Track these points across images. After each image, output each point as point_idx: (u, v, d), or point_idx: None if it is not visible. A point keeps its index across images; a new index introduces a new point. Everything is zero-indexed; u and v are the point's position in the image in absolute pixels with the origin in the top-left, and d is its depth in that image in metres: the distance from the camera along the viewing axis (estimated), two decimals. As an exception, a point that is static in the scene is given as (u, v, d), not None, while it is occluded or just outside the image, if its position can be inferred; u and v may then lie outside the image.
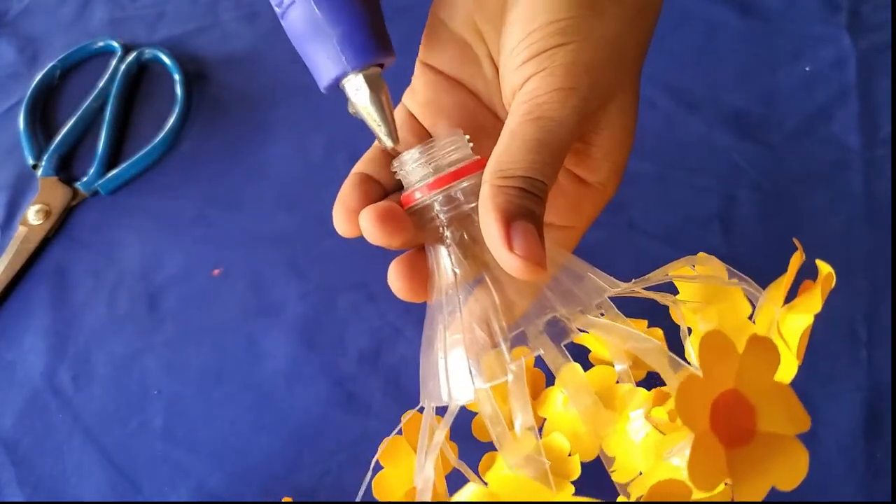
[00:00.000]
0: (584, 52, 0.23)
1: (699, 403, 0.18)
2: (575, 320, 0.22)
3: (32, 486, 0.35)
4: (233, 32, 0.48)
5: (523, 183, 0.22)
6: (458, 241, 0.24)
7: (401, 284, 0.26)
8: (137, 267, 0.40)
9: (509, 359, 0.22)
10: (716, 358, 0.18)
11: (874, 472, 0.33)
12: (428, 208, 0.25)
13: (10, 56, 0.49)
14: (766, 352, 0.19)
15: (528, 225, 0.21)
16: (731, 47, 0.45)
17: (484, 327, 0.23)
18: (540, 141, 0.22)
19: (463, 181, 0.24)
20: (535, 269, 0.21)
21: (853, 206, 0.39)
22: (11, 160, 0.44)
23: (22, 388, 0.37)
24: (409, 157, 0.25)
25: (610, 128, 0.25)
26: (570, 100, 0.22)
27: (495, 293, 0.24)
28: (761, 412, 0.19)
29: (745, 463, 0.18)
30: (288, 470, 0.35)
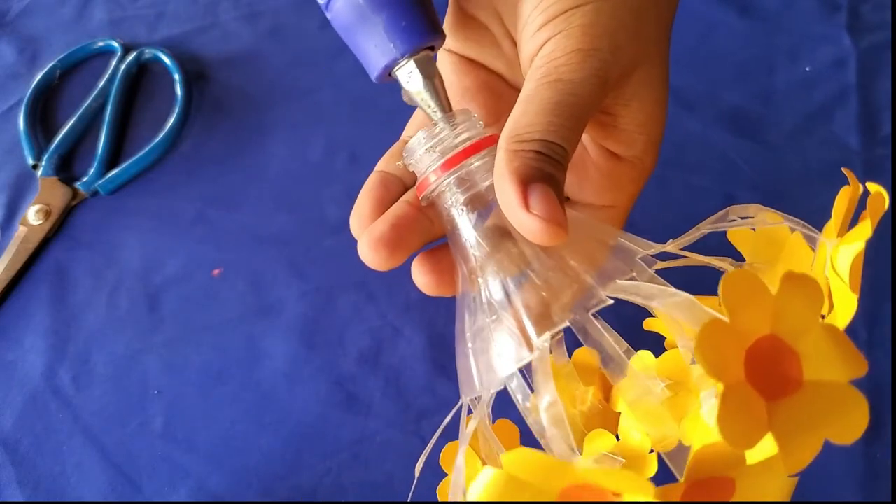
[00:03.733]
0: (604, 14, 0.22)
1: (727, 351, 0.16)
2: (605, 289, 0.21)
3: (32, 486, 0.35)
4: (233, 32, 0.48)
5: (541, 146, 0.20)
6: (475, 223, 0.23)
7: (426, 280, 0.25)
8: (137, 267, 0.40)
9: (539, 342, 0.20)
10: (743, 300, 0.16)
11: (874, 472, 0.33)
12: (442, 195, 0.23)
13: (10, 56, 0.49)
14: (806, 290, 0.17)
15: (546, 187, 0.20)
16: (731, 47, 0.45)
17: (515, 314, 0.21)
18: (558, 103, 0.21)
19: (474, 159, 0.23)
20: (556, 231, 0.20)
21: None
22: (11, 160, 0.44)
23: (22, 388, 0.37)
24: (415, 142, 0.24)
25: (638, 100, 0.23)
26: (589, 61, 0.21)
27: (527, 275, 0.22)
28: (806, 358, 0.16)
29: (790, 416, 0.16)
30: (288, 470, 0.35)
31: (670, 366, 0.27)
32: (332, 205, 0.42)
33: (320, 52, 0.47)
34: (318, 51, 0.47)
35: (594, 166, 0.26)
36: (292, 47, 0.48)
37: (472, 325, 0.23)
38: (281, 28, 0.49)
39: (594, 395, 0.30)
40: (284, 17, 0.49)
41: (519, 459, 0.16)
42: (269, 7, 0.49)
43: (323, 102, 0.46)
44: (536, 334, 0.21)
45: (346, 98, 0.45)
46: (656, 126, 0.25)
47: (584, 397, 0.30)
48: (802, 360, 0.16)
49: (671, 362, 0.27)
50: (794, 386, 0.16)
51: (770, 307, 0.16)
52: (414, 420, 0.35)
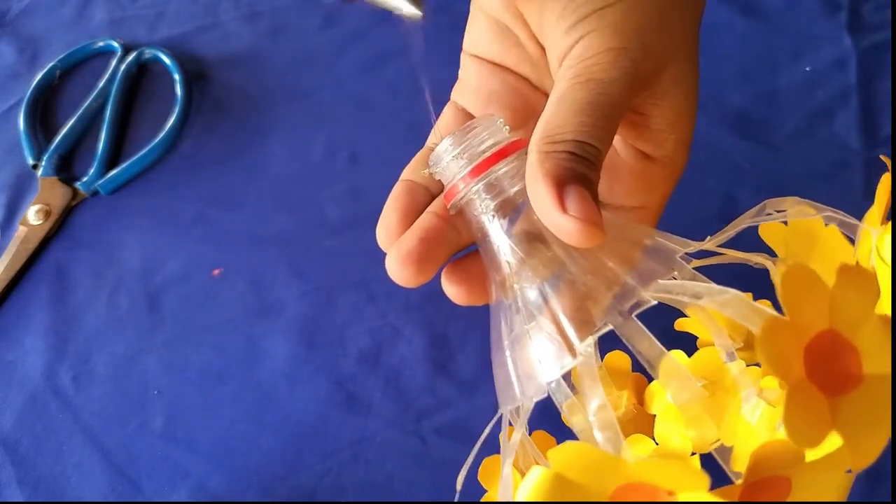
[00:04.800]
0: (633, 13, 0.21)
1: (789, 349, 0.15)
2: (647, 290, 0.20)
3: (32, 486, 0.35)
4: (233, 32, 0.48)
5: (574, 147, 0.20)
6: (507, 229, 0.22)
7: (457, 290, 0.24)
8: (137, 267, 0.40)
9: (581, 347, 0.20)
10: (802, 296, 0.16)
11: (874, 472, 0.33)
12: (471, 202, 0.23)
13: (10, 56, 0.49)
14: (862, 281, 0.16)
15: (581, 188, 0.19)
16: (732, 47, 0.45)
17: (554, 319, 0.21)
18: (590, 103, 0.20)
19: (502, 164, 0.22)
20: (594, 232, 0.19)
21: (853, 206, 0.39)
22: (11, 160, 0.44)
23: (22, 388, 0.37)
24: (441, 150, 0.23)
25: (669, 98, 0.23)
26: (620, 60, 0.21)
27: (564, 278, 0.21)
28: (865, 352, 0.16)
29: (853, 411, 0.16)
30: (288, 470, 0.35)
31: (705, 365, 0.26)
32: (332, 205, 0.42)
33: (320, 52, 0.47)
34: (318, 51, 0.47)
35: (625, 167, 0.25)
36: (292, 47, 0.48)
37: (510, 334, 0.22)
38: (281, 28, 0.49)
39: (628, 398, 0.29)
40: (284, 17, 0.49)
41: (568, 456, 0.16)
42: (269, 7, 0.49)
43: (323, 102, 0.46)
44: (579, 338, 0.20)
45: (346, 98, 0.45)
46: (687, 124, 0.24)
47: (618, 402, 0.29)
48: (861, 354, 0.16)
49: (706, 361, 0.27)
50: (855, 381, 0.16)
51: (826, 302, 0.16)
52: (414, 420, 0.35)
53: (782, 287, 0.16)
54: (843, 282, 0.16)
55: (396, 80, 0.46)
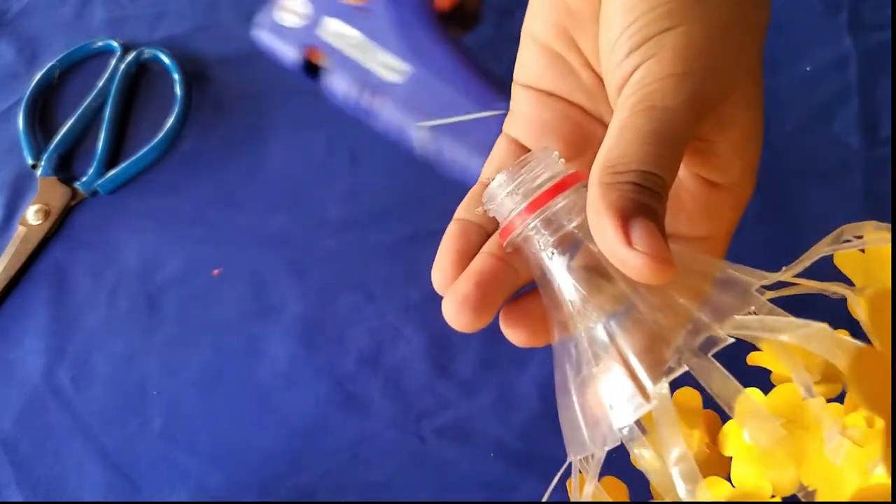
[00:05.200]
0: (696, 36, 0.20)
1: (880, 380, 0.15)
2: (722, 327, 0.19)
3: (32, 487, 0.35)
4: (233, 32, 0.48)
5: (638, 178, 0.19)
6: (568, 265, 0.21)
7: (517, 332, 0.23)
8: (137, 267, 0.40)
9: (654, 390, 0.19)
10: (888, 323, 0.15)
11: (874, 473, 0.33)
12: (529, 239, 0.22)
13: (10, 56, 0.48)
14: None
15: (647, 221, 0.18)
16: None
17: (624, 361, 0.20)
18: (653, 132, 0.19)
19: (560, 198, 0.21)
20: (663, 268, 0.18)
21: (853, 206, 0.39)
22: (10, 160, 0.44)
23: (21, 388, 0.37)
24: (496, 186, 0.22)
25: (735, 123, 0.22)
26: (684, 85, 0.20)
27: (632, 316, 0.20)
28: None
29: None
30: (288, 470, 0.35)
31: (782, 402, 0.25)
32: (333, 205, 0.42)
33: (320, 52, 0.47)
34: (317, 50, 0.47)
35: (688, 195, 0.24)
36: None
37: (576, 377, 0.21)
38: (281, 28, 0.48)
39: (700, 438, 0.28)
40: (284, 16, 0.49)
41: None
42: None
43: (323, 102, 0.46)
44: (652, 381, 0.19)
45: (345, 98, 0.45)
46: (755, 149, 0.23)
47: (690, 441, 0.28)
48: None
49: (783, 398, 0.25)
50: None
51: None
52: (414, 420, 0.35)
53: (869, 314, 0.15)
54: None
55: (396, 79, 0.46)
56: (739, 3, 0.21)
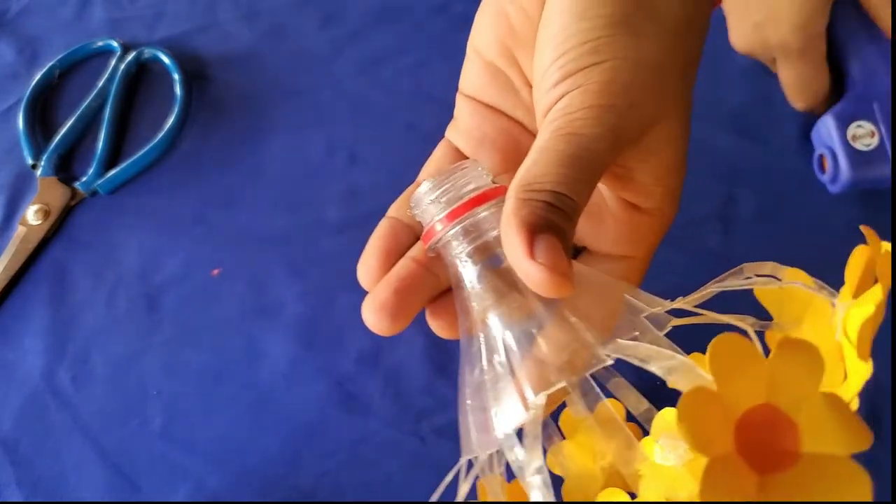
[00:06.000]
0: (621, 72, 0.21)
1: (713, 420, 0.15)
2: (605, 348, 0.20)
3: (32, 486, 0.35)
4: (232, 32, 0.48)
5: (551, 197, 0.20)
6: (480, 274, 0.22)
7: (439, 323, 0.25)
8: (137, 267, 0.40)
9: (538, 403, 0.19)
10: (733, 366, 0.15)
11: (874, 472, 0.33)
12: (448, 245, 0.23)
13: (9, 56, 0.48)
14: (804, 356, 0.16)
15: (553, 238, 0.19)
16: (731, 47, 0.45)
17: (513, 371, 0.21)
18: (572, 156, 0.20)
19: (481, 209, 0.22)
20: (560, 282, 0.19)
21: (853, 207, 0.39)
22: (10, 160, 0.44)
23: (21, 388, 0.37)
24: (422, 192, 0.23)
25: (656, 155, 0.23)
26: (606, 117, 0.21)
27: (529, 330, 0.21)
28: (804, 429, 0.15)
29: (784, 491, 0.15)
30: (287, 470, 0.35)
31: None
32: (332, 205, 0.42)
33: (320, 52, 0.47)
34: (317, 51, 0.47)
35: (612, 216, 0.25)
36: (292, 47, 0.48)
37: (471, 381, 0.22)
38: (280, 28, 0.49)
39: (615, 452, 0.28)
40: (284, 16, 0.49)
41: None
42: (268, 7, 0.49)
43: (323, 102, 0.46)
44: (534, 393, 0.20)
45: (345, 98, 0.45)
46: (675, 178, 0.24)
47: (604, 452, 0.29)
48: (801, 432, 0.16)
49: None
50: (791, 459, 0.15)
51: (764, 374, 0.16)
52: (414, 420, 0.35)
53: (710, 356, 0.15)
54: (783, 355, 0.16)
55: (396, 80, 0.46)
56: (667, 43, 0.22)
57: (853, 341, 0.18)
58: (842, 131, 0.38)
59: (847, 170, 0.37)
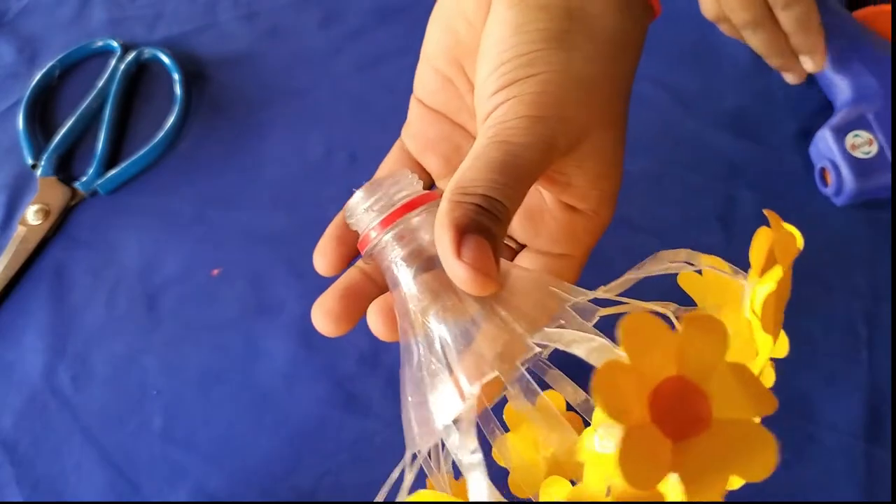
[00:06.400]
0: (553, 84, 0.23)
1: (626, 392, 0.16)
2: (533, 337, 0.21)
3: (32, 486, 0.35)
4: (232, 32, 0.48)
5: (482, 201, 0.21)
6: (415, 276, 0.23)
7: (378, 325, 0.26)
8: (137, 267, 0.40)
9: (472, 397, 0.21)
10: (643, 341, 0.16)
11: (874, 472, 0.33)
12: (383, 251, 0.24)
13: (9, 56, 0.48)
14: (709, 330, 0.17)
15: (480, 238, 0.21)
16: (731, 46, 0.45)
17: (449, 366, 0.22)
18: (503, 163, 0.22)
19: (412, 215, 0.23)
20: (484, 281, 0.20)
21: (853, 206, 0.39)
22: (10, 160, 0.44)
23: (21, 388, 0.37)
24: (355, 201, 0.25)
25: (590, 162, 0.24)
26: (537, 127, 0.22)
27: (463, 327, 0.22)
28: (715, 397, 0.17)
29: (697, 455, 0.16)
30: (287, 470, 0.35)
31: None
32: (332, 205, 0.41)
33: (319, 52, 0.47)
34: (316, 50, 0.47)
35: (551, 216, 0.27)
36: (291, 47, 0.48)
37: (411, 378, 0.23)
38: (279, 28, 0.49)
39: (557, 442, 0.29)
40: (283, 16, 0.49)
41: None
42: (267, 7, 0.49)
43: (322, 102, 0.46)
44: (469, 384, 0.21)
45: (344, 98, 0.45)
46: (609, 183, 0.26)
47: (546, 443, 0.30)
48: (711, 400, 0.17)
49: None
50: (703, 425, 0.16)
51: (674, 348, 0.17)
52: (413, 420, 0.35)
53: (621, 332, 0.16)
54: (690, 330, 0.17)
55: (394, 79, 0.46)
56: (600, 57, 0.24)
57: (759, 316, 0.19)
58: (840, 142, 0.38)
59: (851, 179, 0.37)
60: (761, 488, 0.34)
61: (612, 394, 0.16)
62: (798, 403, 0.35)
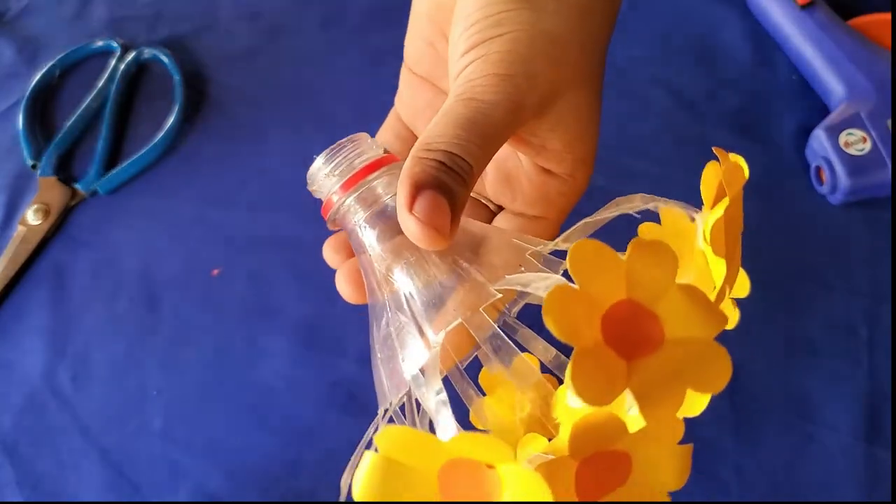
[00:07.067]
0: (521, 43, 0.23)
1: (577, 315, 0.16)
2: (493, 284, 0.21)
3: (31, 487, 0.35)
4: (232, 32, 0.48)
5: (444, 157, 0.21)
6: (378, 236, 0.24)
7: (348, 289, 0.27)
8: (137, 267, 0.40)
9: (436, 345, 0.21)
10: (592, 267, 0.17)
11: (874, 472, 0.33)
12: (346, 214, 0.24)
13: (10, 56, 0.48)
14: (657, 254, 0.17)
15: (435, 194, 0.21)
16: (732, 46, 0.45)
17: (415, 318, 0.22)
18: (468, 119, 0.22)
19: (373, 177, 0.24)
20: (433, 236, 0.20)
21: (852, 205, 0.39)
22: (10, 160, 0.44)
23: (21, 388, 0.37)
24: (315, 169, 0.25)
25: (564, 124, 0.25)
26: (503, 85, 0.22)
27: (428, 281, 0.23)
28: (666, 319, 0.17)
29: (651, 372, 0.16)
30: (287, 470, 0.34)
31: None
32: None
33: (320, 52, 0.47)
34: (317, 50, 0.47)
35: (526, 178, 0.27)
36: (292, 47, 0.48)
37: (379, 336, 0.23)
38: (280, 28, 0.49)
39: (533, 402, 0.30)
40: (284, 16, 0.49)
41: (392, 439, 0.17)
42: (268, 7, 0.49)
43: (322, 102, 0.46)
44: (434, 333, 0.21)
45: (345, 98, 0.45)
46: (584, 146, 0.26)
47: (523, 404, 0.30)
48: (663, 322, 0.17)
49: None
50: (655, 345, 0.17)
51: (622, 273, 0.17)
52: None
53: (570, 259, 0.16)
54: (637, 255, 0.17)
55: (395, 79, 0.46)
56: (569, 17, 0.24)
57: (709, 242, 0.19)
58: (834, 140, 0.39)
59: (845, 177, 0.38)
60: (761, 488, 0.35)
61: (562, 316, 0.16)
62: (798, 403, 0.35)
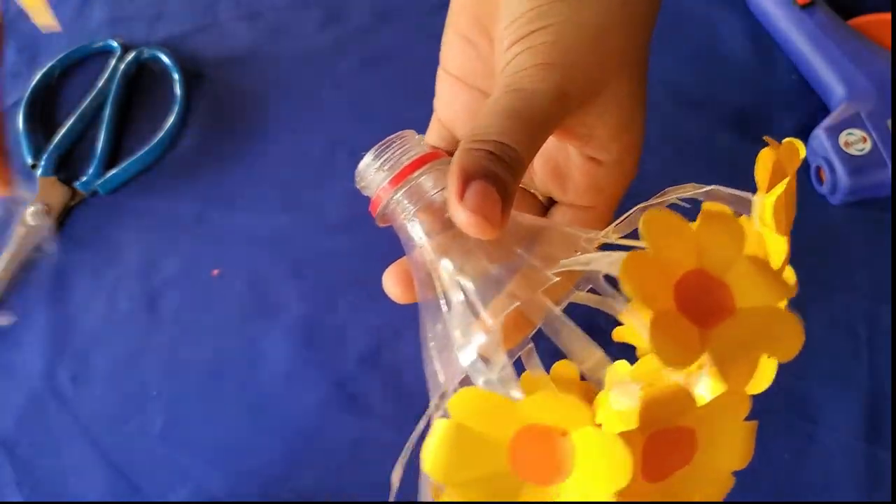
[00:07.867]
0: (564, 34, 0.23)
1: (653, 281, 0.16)
2: (549, 269, 0.22)
3: (31, 487, 0.35)
4: (233, 32, 0.48)
5: (493, 147, 0.21)
6: (428, 231, 0.24)
7: (397, 290, 0.27)
8: (137, 267, 0.40)
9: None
10: (665, 235, 0.17)
11: (874, 473, 0.33)
12: (395, 210, 0.24)
13: (10, 55, 0.48)
14: (726, 225, 0.18)
15: (485, 183, 0.21)
16: (733, 46, 0.45)
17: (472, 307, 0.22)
18: (516, 109, 0.22)
19: (419, 172, 0.24)
20: (483, 225, 0.21)
21: (853, 205, 0.39)
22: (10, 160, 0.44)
23: (21, 388, 0.37)
24: (363, 166, 0.25)
25: (609, 114, 0.25)
26: (549, 74, 0.23)
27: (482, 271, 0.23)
28: (736, 288, 0.17)
29: (726, 338, 0.16)
30: (288, 470, 0.35)
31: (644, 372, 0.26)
32: (332, 205, 0.42)
33: (320, 52, 0.47)
34: (317, 50, 0.47)
35: (576, 169, 0.27)
36: (292, 47, 0.48)
37: (434, 331, 0.23)
38: (281, 27, 0.48)
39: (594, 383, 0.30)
40: (284, 16, 0.49)
41: (466, 403, 0.17)
42: (268, 6, 0.49)
43: (323, 102, 0.46)
44: (491, 319, 0.21)
45: (345, 98, 0.45)
46: (631, 135, 0.26)
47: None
48: (733, 291, 0.17)
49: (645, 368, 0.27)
50: (728, 313, 0.17)
51: (693, 242, 0.17)
52: (414, 420, 0.35)
53: (643, 226, 0.17)
54: (707, 225, 0.17)
55: (396, 79, 0.46)
56: (613, 9, 0.24)
57: (769, 224, 0.19)
58: (834, 140, 0.38)
59: (845, 176, 0.38)
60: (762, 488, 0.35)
61: (639, 280, 0.16)
62: (798, 403, 0.35)
